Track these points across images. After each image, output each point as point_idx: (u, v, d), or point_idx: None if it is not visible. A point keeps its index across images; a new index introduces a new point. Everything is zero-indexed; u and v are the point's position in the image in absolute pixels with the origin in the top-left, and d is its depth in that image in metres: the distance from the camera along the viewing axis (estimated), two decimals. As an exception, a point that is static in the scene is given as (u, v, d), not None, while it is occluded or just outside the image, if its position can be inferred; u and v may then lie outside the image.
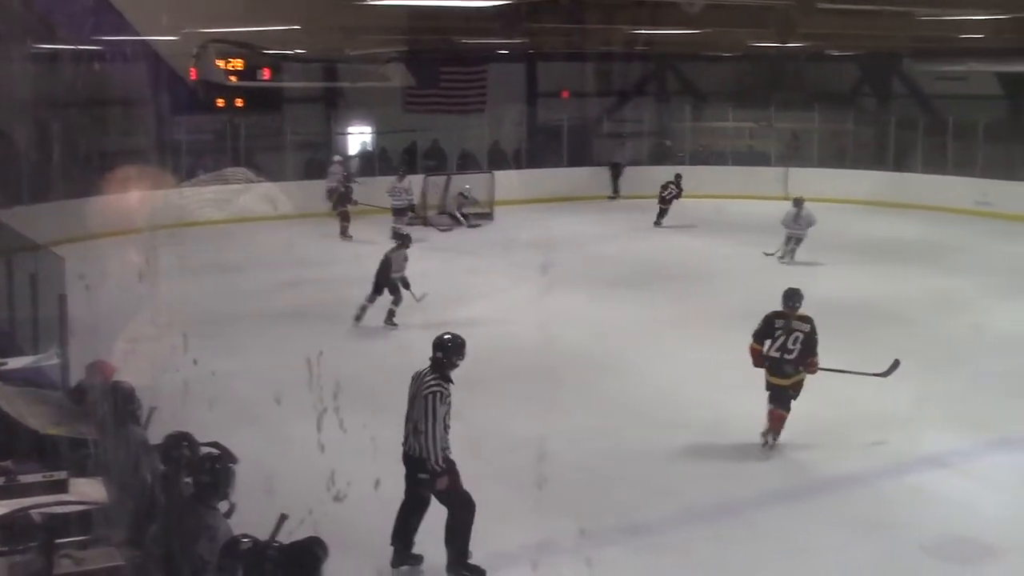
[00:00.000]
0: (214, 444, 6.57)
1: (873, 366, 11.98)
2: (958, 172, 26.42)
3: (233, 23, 16.11)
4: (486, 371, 12.37)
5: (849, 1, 10.90)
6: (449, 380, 7.39)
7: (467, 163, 27.85)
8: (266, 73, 21.45)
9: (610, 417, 11.07)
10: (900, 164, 27.98)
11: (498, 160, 28.29)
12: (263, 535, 5.33)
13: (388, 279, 14.64)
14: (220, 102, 21.48)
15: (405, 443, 7.43)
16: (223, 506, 6.00)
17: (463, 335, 7.50)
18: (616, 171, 28.54)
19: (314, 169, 26.25)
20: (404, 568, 7.61)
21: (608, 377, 12.50)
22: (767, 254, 19.85)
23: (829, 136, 29.32)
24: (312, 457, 7.85)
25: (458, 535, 7.42)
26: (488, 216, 24.67)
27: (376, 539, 7.52)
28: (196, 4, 13.86)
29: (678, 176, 24.33)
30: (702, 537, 8.36)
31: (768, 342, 9.96)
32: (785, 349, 9.86)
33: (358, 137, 29.42)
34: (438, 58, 26.79)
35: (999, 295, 17.05)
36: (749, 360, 10.14)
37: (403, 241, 15.18)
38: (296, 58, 23.46)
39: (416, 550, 7.60)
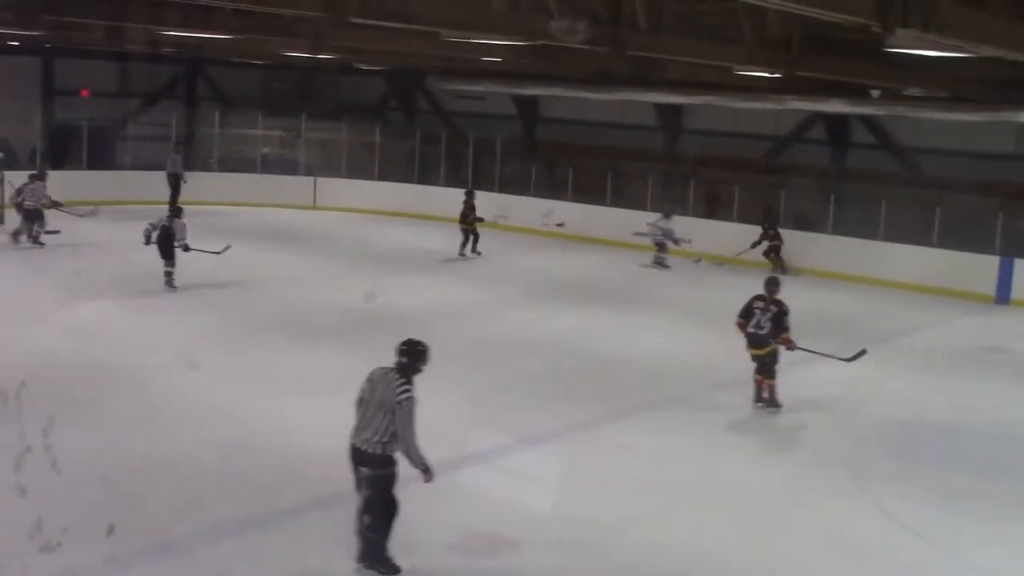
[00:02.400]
0: None
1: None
2: (478, 187, 27.89)
3: None
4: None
5: (380, 18, 11.17)
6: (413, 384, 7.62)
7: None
8: None
9: (133, 431, 10.62)
10: (424, 177, 29.14)
11: (9, 160, 26.27)
12: None
13: (170, 247, 16.86)
14: None
15: (356, 437, 7.56)
16: None
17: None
18: (175, 181, 26.59)
19: None
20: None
21: (131, 390, 11.99)
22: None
23: (358, 148, 29.95)
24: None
25: (380, 535, 7.69)
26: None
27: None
28: None
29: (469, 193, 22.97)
30: (233, 551, 8.20)
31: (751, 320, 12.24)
32: (759, 326, 12.11)
33: None
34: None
35: (513, 304, 18.20)
36: (275, 369, 10.58)
37: (176, 213, 17.30)
38: None
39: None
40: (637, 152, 27.89)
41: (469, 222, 22.27)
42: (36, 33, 20.54)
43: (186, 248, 16.92)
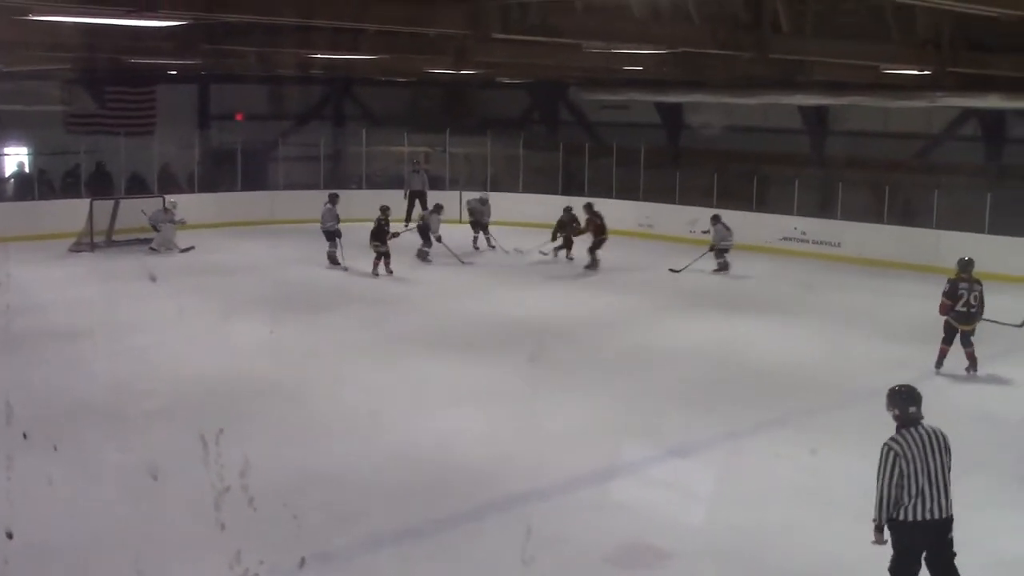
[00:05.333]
0: None
1: (549, 382, 12.43)
2: (622, 196, 27.85)
3: None
4: (164, 402, 11.95)
5: (521, 33, 11.27)
6: None
7: (136, 186, 26.72)
8: None
9: (292, 444, 10.91)
10: (568, 188, 29.16)
11: (169, 183, 27.30)
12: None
13: (427, 234, 21.92)
14: None
15: (934, 510, 7.21)
16: None
17: (138, 364, 7.19)
18: (418, 199, 27.34)
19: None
20: None
21: (288, 405, 12.31)
22: (673, 271, 21.65)
23: (501, 161, 30.17)
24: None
25: None
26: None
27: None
28: None
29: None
30: (388, 560, 8.35)
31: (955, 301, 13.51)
32: (969, 304, 13.53)
33: (14, 158, 27.61)
34: (104, 77, 25.56)
35: (660, 312, 18.08)
36: (427, 382, 12.25)
37: (436, 209, 22.45)
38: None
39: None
40: (782, 156, 27.44)
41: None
42: (193, 62, 21.29)
43: (438, 239, 21.89)
